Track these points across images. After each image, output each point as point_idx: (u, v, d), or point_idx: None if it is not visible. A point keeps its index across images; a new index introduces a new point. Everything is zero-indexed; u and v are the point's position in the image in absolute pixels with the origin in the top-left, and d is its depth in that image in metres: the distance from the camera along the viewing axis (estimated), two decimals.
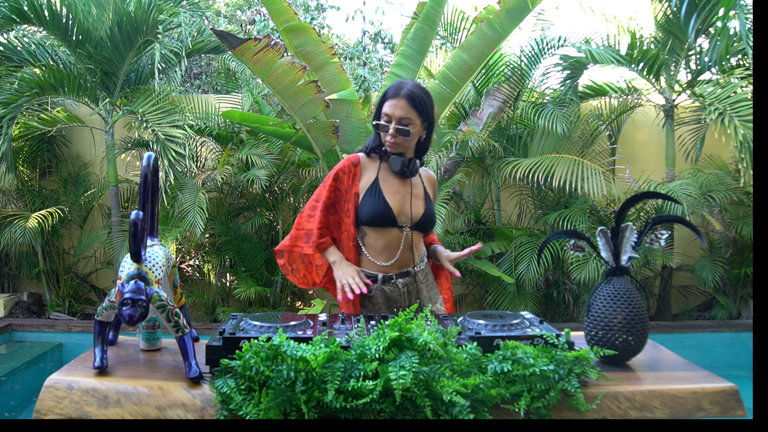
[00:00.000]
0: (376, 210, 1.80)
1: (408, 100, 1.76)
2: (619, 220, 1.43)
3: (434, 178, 2.02)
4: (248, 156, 4.62)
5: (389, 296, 1.85)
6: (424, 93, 1.80)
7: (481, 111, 4.58)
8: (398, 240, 1.82)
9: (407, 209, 1.83)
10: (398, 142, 1.79)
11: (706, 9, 4.17)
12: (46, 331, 4.62)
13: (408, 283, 1.86)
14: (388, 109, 1.77)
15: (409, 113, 1.76)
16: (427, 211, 1.87)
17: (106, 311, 1.32)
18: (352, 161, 1.86)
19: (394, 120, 1.77)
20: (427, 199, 1.90)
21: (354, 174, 1.85)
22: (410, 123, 1.77)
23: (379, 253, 1.83)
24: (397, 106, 1.76)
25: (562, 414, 1.20)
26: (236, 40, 3.20)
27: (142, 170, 1.34)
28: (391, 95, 1.78)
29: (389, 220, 1.80)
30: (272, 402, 1.12)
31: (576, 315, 4.75)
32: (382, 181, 1.84)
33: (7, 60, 4.64)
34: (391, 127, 1.77)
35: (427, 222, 1.87)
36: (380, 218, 1.80)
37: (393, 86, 1.80)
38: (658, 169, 4.86)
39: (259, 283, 4.71)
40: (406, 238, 1.83)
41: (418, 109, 1.77)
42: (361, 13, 7.92)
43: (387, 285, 1.84)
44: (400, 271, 1.85)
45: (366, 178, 1.85)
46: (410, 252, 1.85)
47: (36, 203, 5.09)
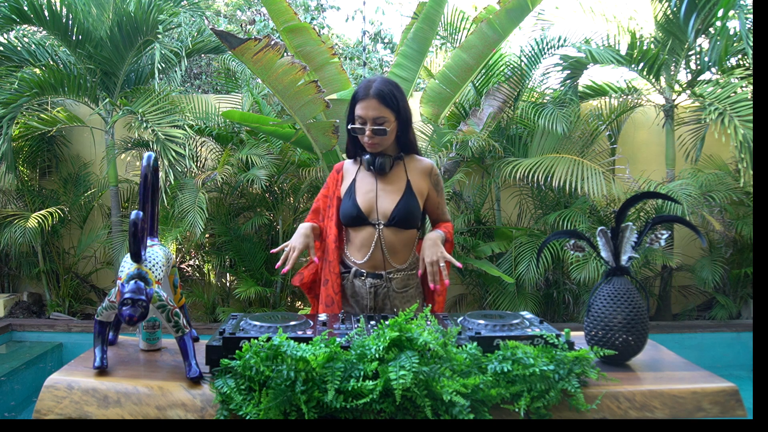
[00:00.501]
0: (345, 210, 1.85)
1: (378, 98, 1.73)
2: (619, 220, 1.43)
3: (429, 167, 1.90)
4: (248, 156, 4.62)
5: (356, 291, 1.87)
6: (393, 87, 1.77)
7: (481, 111, 4.58)
8: (371, 238, 1.82)
9: (377, 206, 1.81)
10: (376, 142, 1.78)
11: (706, 9, 4.17)
12: (46, 331, 4.62)
13: (377, 285, 1.84)
14: (361, 111, 1.75)
15: (382, 112, 1.74)
16: (399, 206, 1.79)
17: (106, 311, 1.32)
18: (336, 168, 1.95)
19: (369, 121, 1.75)
20: (406, 193, 1.82)
21: (337, 180, 1.92)
22: (385, 121, 1.75)
23: (357, 251, 1.86)
24: (369, 106, 1.74)
25: (562, 414, 1.20)
26: (236, 40, 3.20)
27: (142, 170, 1.34)
28: (361, 96, 1.76)
29: (360, 219, 1.82)
30: (272, 402, 1.12)
31: (576, 315, 4.75)
32: (359, 182, 1.86)
33: (7, 60, 4.64)
34: (366, 128, 1.76)
35: (400, 217, 1.79)
36: (350, 218, 1.83)
37: (361, 87, 1.78)
38: (658, 169, 4.86)
39: (259, 283, 4.71)
40: (379, 237, 1.81)
41: (389, 105, 1.75)
42: (361, 13, 7.92)
43: (357, 279, 1.86)
44: (374, 271, 1.84)
45: (346, 181, 1.90)
46: (383, 252, 1.81)
47: (36, 203, 5.09)
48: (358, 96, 1.77)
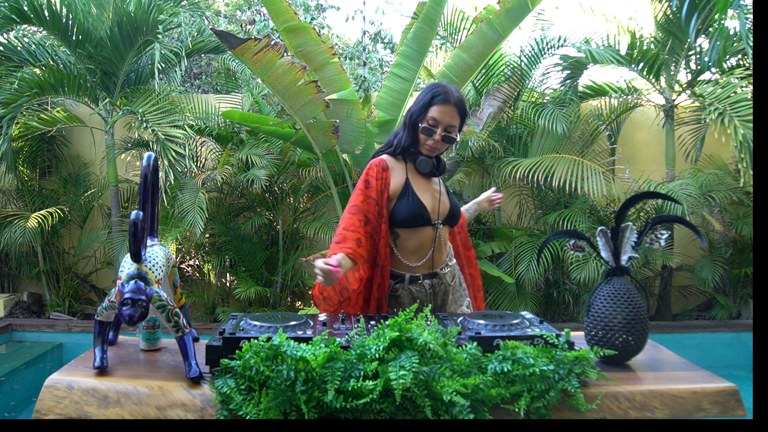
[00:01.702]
0: (412, 211, 1.77)
1: (458, 108, 1.77)
2: (619, 220, 1.43)
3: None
4: (248, 156, 4.62)
5: (416, 297, 1.82)
6: (464, 100, 1.84)
7: (481, 111, 4.58)
8: (431, 239, 1.82)
9: (437, 206, 1.83)
10: (440, 147, 1.80)
11: (707, 9, 4.17)
12: (46, 331, 4.62)
13: (435, 284, 1.85)
14: (438, 115, 1.75)
15: (456, 121, 1.78)
16: (453, 204, 1.88)
17: (106, 311, 1.32)
18: (381, 166, 1.80)
19: (441, 126, 1.76)
20: (448, 192, 1.92)
21: (385, 179, 1.79)
22: (454, 130, 1.79)
23: (411, 254, 1.81)
24: (447, 113, 1.76)
25: (562, 414, 1.20)
26: (236, 40, 3.20)
27: (142, 170, 1.34)
28: (441, 101, 1.76)
29: (425, 219, 1.79)
30: (272, 402, 1.12)
31: (576, 315, 4.75)
32: (413, 181, 1.83)
33: (7, 60, 4.64)
34: (437, 132, 1.76)
35: (455, 215, 1.88)
36: (416, 218, 1.78)
37: (441, 90, 1.77)
38: (658, 169, 4.86)
39: (259, 283, 4.71)
40: (438, 235, 1.83)
41: (462, 117, 1.80)
42: (361, 13, 7.91)
43: (414, 285, 1.83)
44: (429, 271, 1.83)
45: (396, 180, 1.81)
46: (441, 250, 1.86)
47: (36, 203, 5.09)
48: (437, 100, 1.76)
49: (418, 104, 1.80)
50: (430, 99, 1.78)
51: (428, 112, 1.77)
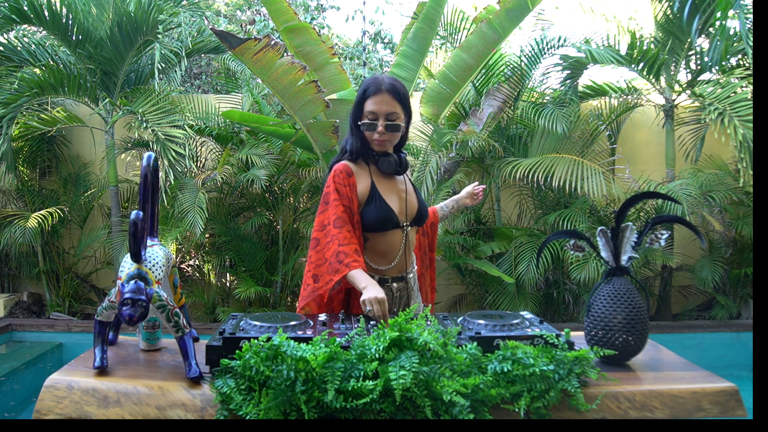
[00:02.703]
0: (379, 215, 1.73)
1: (392, 93, 1.70)
2: (619, 220, 1.43)
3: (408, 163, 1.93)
4: (248, 156, 4.62)
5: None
6: (401, 84, 1.76)
7: (481, 111, 4.58)
8: (399, 241, 1.78)
9: (405, 208, 1.80)
10: (386, 138, 1.73)
11: (708, 10, 4.17)
12: (46, 331, 4.62)
13: (401, 288, 1.83)
14: (373, 107, 1.70)
15: (395, 107, 1.71)
16: (420, 204, 1.84)
17: (106, 311, 1.32)
18: (345, 172, 1.74)
19: (381, 116, 1.70)
20: (416, 191, 1.87)
21: (352, 184, 1.75)
22: (397, 117, 1.72)
23: (380, 257, 1.79)
24: (383, 101, 1.70)
25: (562, 414, 1.20)
26: (236, 40, 3.20)
27: (142, 170, 1.34)
28: (373, 92, 1.71)
29: (393, 222, 1.76)
30: (272, 402, 1.12)
31: (576, 315, 4.75)
32: (378, 185, 1.78)
33: (7, 60, 4.64)
34: (378, 124, 1.71)
35: (423, 215, 1.85)
36: (385, 222, 1.75)
37: (371, 82, 1.73)
38: (658, 169, 4.86)
39: (259, 283, 4.71)
40: (407, 237, 1.80)
41: (401, 101, 1.73)
42: (361, 13, 7.92)
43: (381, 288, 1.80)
44: (398, 274, 1.81)
45: (361, 185, 1.77)
46: (409, 252, 1.83)
47: (36, 203, 5.09)
48: (369, 92, 1.72)
49: (355, 104, 1.77)
50: (362, 94, 1.74)
51: (364, 107, 1.73)
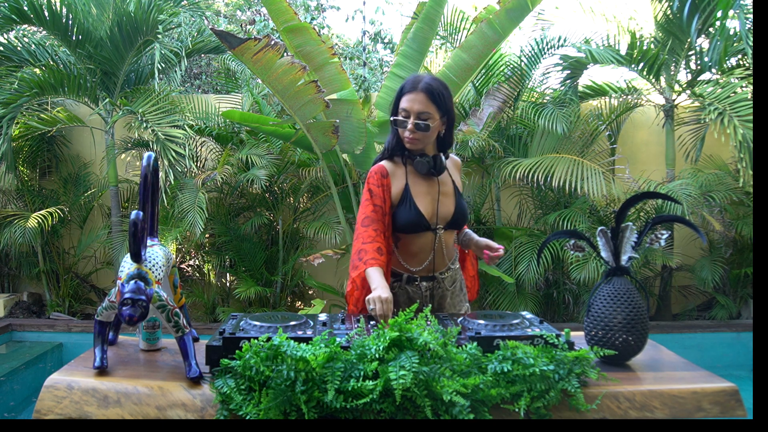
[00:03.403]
0: (409, 218, 1.75)
1: (426, 93, 1.70)
2: (619, 220, 1.43)
3: (459, 163, 1.96)
4: (248, 156, 4.62)
5: (411, 297, 1.82)
6: (442, 86, 1.74)
7: (481, 111, 4.58)
8: (431, 243, 1.79)
9: (438, 211, 1.79)
10: (417, 137, 1.73)
11: (707, 10, 4.17)
12: (46, 331, 4.62)
13: (432, 287, 1.83)
14: (406, 104, 1.71)
15: (428, 107, 1.70)
16: (457, 208, 1.82)
17: (106, 311, 1.32)
18: (381, 173, 1.78)
19: (413, 115, 1.71)
20: (456, 193, 1.85)
21: (386, 186, 1.77)
22: (429, 117, 1.71)
23: (412, 257, 1.80)
24: (415, 100, 1.70)
25: (562, 414, 1.20)
26: (236, 40, 3.20)
27: (142, 170, 1.34)
28: (408, 89, 1.72)
29: (423, 226, 1.76)
30: (272, 402, 1.12)
31: (576, 315, 4.75)
32: (412, 187, 1.78)
33: (7, 60, 4.63)
34: (409, 122, 1.71)
35: (458, 219, 1.83)
36: (414, 226, 1.76)
37: (409, 80, 1.74)
38: (658, 169, 4.86)
39: (259, 283, 4.71)
40: (439, 240, 1.80)
41: (436, 102, 1.71)
42: (361, 13, 7.91)
43: (410, 286, 1.82)
44: (427, 274, 1.82)
45: (396, 186, 1.79)
46: (441, 255, 1.82)
47: (36, 203, 5.08)
48: (405, 89, 1.73)
49: (393, 100, 1.77)
50: (399, 91, 1.76)
51: (399, 104, 1.74)
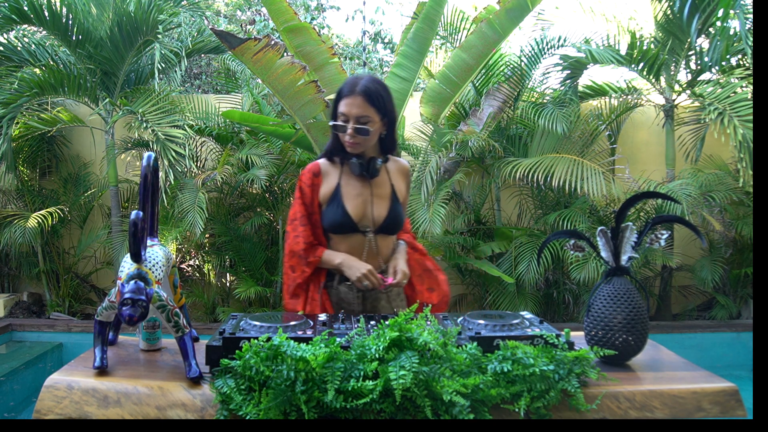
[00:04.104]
0: (334, 219, 1.75)
1: (364, 96, 1.66)
2: (619, 220, 1.43)
3: (406, 168, 1.90)
4: (248, 156, 4.62)
5: (342, 297, 1.80)
6: (380, 87, 1.71)
7: (481, 111, 4.58)
8: (361, 246, 1.77)
9: (369, 213, 1.76)
10: (357, 141, 1.70)
11: (708, 10, 4.16)
12: (46, 331, 4.62)
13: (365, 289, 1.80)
14: (344, 108, 1.68)
15: (367, 110, 1.67)
16: (390, 213, 1.78)
17: (106, 311, 1.32)
18: (312, 172, 1.79)
19: (351, 119, 1.68)
20: (392, 198, 1.81)
21: (315, 185, 1.78)
22: (369, 121, 1.68)
23: None
24: (353, 104, 1.67)
25: (562, 414, 1.20)
26: (236, 40, 3.20)
27: (142, 170, 1.34)
28: (346, 93, 1.69)
29: (350, 227, 1.75)
30: (272, 402, 1.12)
31: (576, 315, 4.75)
32: (344, 186, 1.77)
33: (7, 60, 4.64)
34: (348, 127, 1.68)
35: (391, 224, 1.79)
36: (339, 226, 1.75)
37: (347, 83, 1.71)
38: (658, 169, 4.86)
39: (259, 283, 4.71)
40: (369, 243, 1.77)
41: (375, 105, 1.68)
42: (361, 13, 7.91)
43: (342, 285, 1.80)
44: None
45: (327, 185, 1.78)
46: (374, 258, 1.79)
47: (36, 203, 5.09)
48: (343, 93, 1.70)
49: (333, 103, 1.75)
50: (337, 95, 1.72)
51: (338, 108, 1.70)
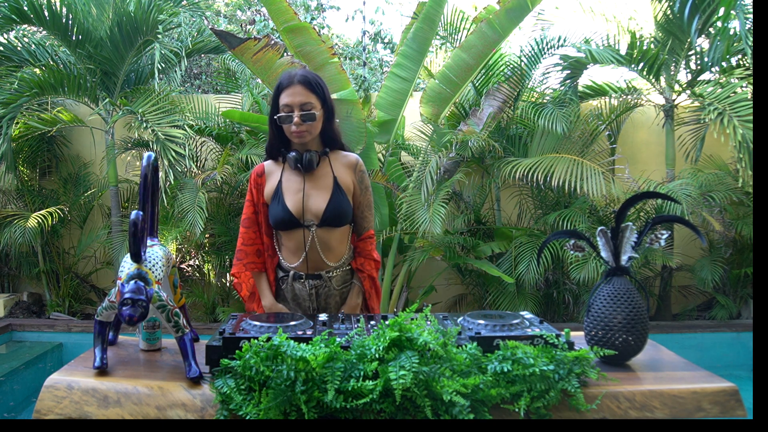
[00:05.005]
0: (275, 214, 1.78)
1: (304, 84, 1.71)
2: (619, 220, 1.43)
3: (354, 161, 1.87)
4: (248, 156, 4.62)
5: (297, 294, 1.84)
6: (317, 77, 1.77)
7: (481, 111, 4.58)
8: (303, 240, 1.78)
9: (308, 206, 1.77)
10: (304, 129, 1.72)
11: (708, 10, 4.17)
12: (46, 331, 4.62)
13: (318, 285, 1.82)
14: (287, 99, 1.71)
15: (309, 97, 1.71)
16: (330, 205, 1.76)
17: (106, 311, 1.32)
18: (257, 172, 1.85)
19: (296, 108, 1.70)
20: (335, 190, 1.79)
21: (259, 185, 1.84)
22: (312, 107, 1.71)
23: (291, 254, 1.83)
24: (295, 92, 1.70)
25: (562, 414, 1.20)
26: (236, 40, 3.21)
27: (142, 170, 1.34)
28: (285, 85, 1.72)
29: (292, 222, 1.76)
30: (272, 402, 1.12)
31: (576, 315, 4.75)
32: (285, 183, 1.80)
33: (7, 60, 4.64)
34: (294, 115, 1.70)
35: (331, 216, 1.76)
36: (282, 222, 1.77)
37: (284, 76, 1.74)
38: (658, 169, 4.86)
39: None
40: (313, 237, 1.78)
41: (315, 91, 1.72)
42: (361, 13, 7.91)
43: (297, 282, 1.83)
44: (312, 272, 1.81)
45: (270, 183, 1.82)
46: (318, 252, 1.79)
47: (36, 203, 5.09)
48: (282, 85, 1.73)
49: (271, 101, 1.78)
50: (277, 90, 1.75)
51: (279, 102, 1.73)
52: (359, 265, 1.86)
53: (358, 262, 1.87)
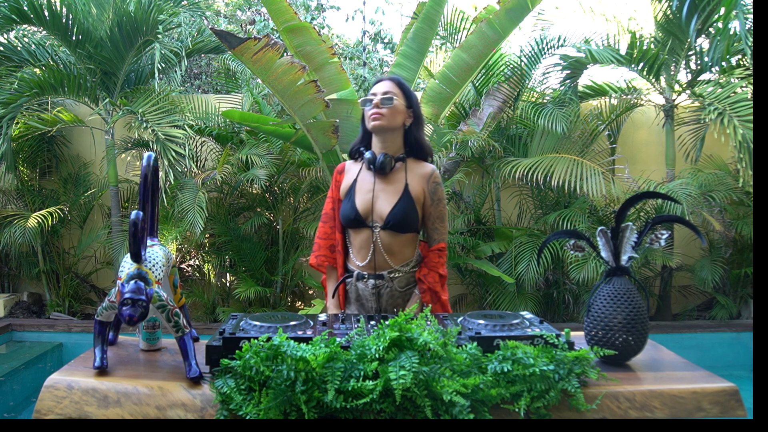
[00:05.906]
0: (344, 212, 1.85)
1: (392, 80, 1.83)
2: (619, 220, 1.43)
3: (429, 172, 1.84)
4: (248, 156, 4.62)
5: (360, 294, 1.88)
6: (406, 84, 1.87)
7: (481, 111, 4.58)
8: (369, 240, 1.81)
9: (375, 208, 1.80)
10: (381, 112, 1.77)
11: (707, 9, 4.17)
12: (46, 331, 4.62)
13: (379, 285, 1.83)
14: (374, 90, 1.83)
15: (393, 89, 1.81)
16: (394, 209, 1.77)
17: (106, 311, 1.32)
18: (337, 169, 1.94)
19: (379, 95, 1.80)
20: (403, 197, 1.78)
21: (338, 181, 1.92)
22: (394, 95, 1.79)
23: (357, 252, 1.87)
24: (381, 85, 1.82)
25: (562, 414, 1.20)
26: (236, 40, 3.20)
27: (142, 170, 1.34)
28: (375, 82, 1.86)
29: (358, 221, 1.81)
30: (272, 402, 1.12)
31: (576, 315, 4.75)
32: (359, 182, 1.86)
33: (7, 60, 4.64)
34: (375, 98, 1.79)
35: (395, 221, 1.77)
36: (348, 220, 1.83)
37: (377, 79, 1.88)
38: (658, 169, 4.86)
39: (259, 283, 4.71)
40: (377, 238, 1.80)
41: (401, 87, 1.83)
42: (361, 13, 7.91)
43: (360, 282, 1.87)
44: (375, 272, 1.84)
45: (346, 181, 1.90)
46: (383, 254, 1.80)
47: (36, 203, 5.09)
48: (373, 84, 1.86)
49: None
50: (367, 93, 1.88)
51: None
52: (422, 275, 1.83)
53: (422, 272, 1.83)
